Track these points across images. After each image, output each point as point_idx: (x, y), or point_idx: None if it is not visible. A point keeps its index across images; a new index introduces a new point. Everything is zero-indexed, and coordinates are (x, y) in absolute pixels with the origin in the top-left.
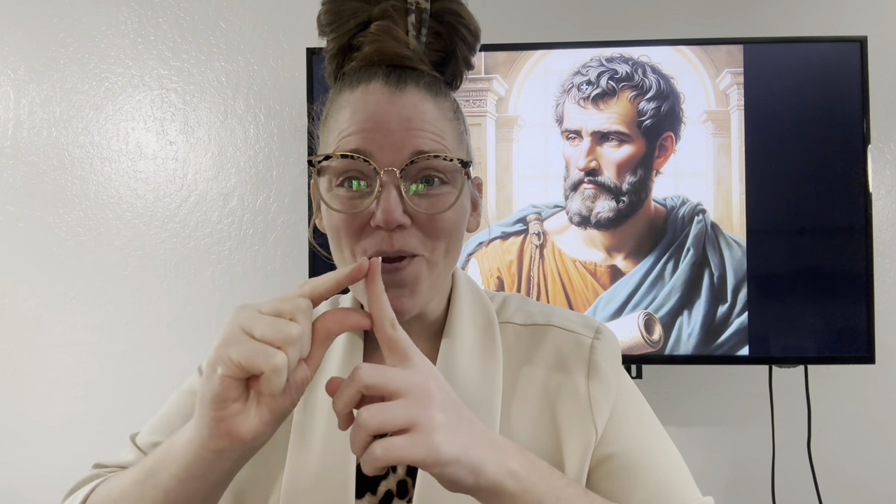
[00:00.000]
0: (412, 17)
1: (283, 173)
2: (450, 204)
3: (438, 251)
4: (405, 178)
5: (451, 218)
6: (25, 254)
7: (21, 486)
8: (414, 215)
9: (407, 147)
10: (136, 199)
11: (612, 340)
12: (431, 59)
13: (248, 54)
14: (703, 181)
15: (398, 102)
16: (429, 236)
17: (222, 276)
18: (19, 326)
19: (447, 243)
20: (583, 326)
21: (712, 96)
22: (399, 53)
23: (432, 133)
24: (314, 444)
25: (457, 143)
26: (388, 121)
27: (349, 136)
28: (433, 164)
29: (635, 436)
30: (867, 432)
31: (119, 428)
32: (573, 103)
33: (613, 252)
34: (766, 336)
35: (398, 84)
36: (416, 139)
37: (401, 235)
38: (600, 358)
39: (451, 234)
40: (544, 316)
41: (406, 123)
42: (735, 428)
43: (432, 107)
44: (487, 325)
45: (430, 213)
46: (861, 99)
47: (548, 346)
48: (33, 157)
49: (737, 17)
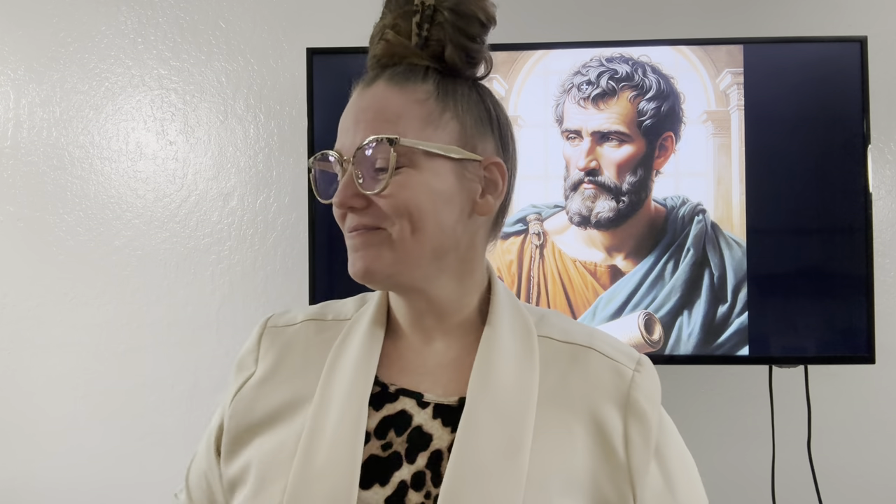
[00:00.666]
0: (417, 17)
1: (283, 173)
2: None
3: (401, 227)
4: (358, 165)
5: (402, 196)
6: (25, 254)
7: (21, 486)
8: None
9: (357, 140)
10: (136, 199)
11: (652, 375)
12: (433, 50)
13: (248, 54)
14: (703, 181)
15: (362, 99)
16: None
17: (222, 276)
18: (19, 326)
19: (410, 220)
20: (625, 356)
21: (712, 96)
22: (389, 53)
23: (384, 121)
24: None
25: (420, 124)
26: (348, 116)
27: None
28: (376, 152)
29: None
30: (867, 432)
31: (119, 428)
32: (573, 103)
33: (613, 252)
34: (766, 336)
35: (371, 82)
36: (363, 131)
37: (358, 215)
38: (639, 394)
39: (412, 212)
40: (585, 337)
41: (360, 116)
42: (735, 428)
43: (394, 93)
44: (526, 335)
45: (374, 193)
46: (861, 99)
47: (586, 369)
48: (33, 157)
49: (737, 17)
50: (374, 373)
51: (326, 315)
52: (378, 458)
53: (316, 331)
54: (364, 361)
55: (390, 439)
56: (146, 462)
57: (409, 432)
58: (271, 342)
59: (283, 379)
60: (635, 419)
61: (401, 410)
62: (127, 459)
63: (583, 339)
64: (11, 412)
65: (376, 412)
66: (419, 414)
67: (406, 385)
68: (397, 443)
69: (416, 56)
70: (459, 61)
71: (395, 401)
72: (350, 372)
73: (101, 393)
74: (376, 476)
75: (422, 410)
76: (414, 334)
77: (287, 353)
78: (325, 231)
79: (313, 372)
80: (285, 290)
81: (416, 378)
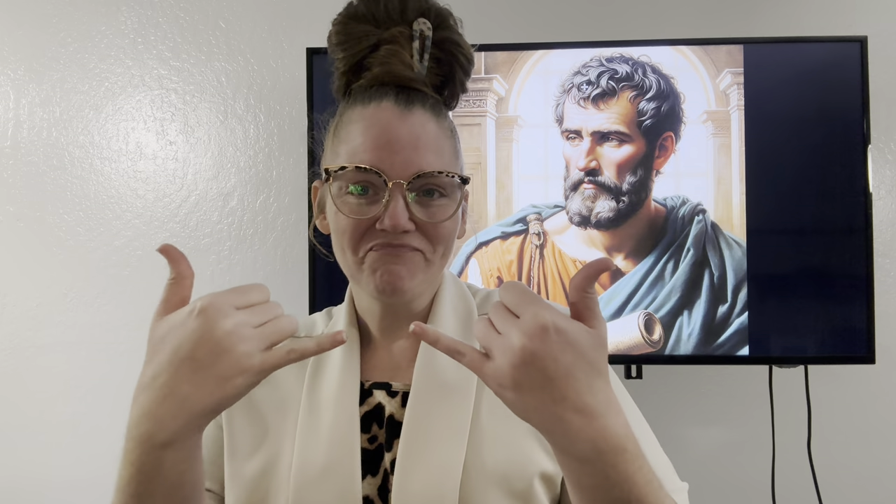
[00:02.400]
0: (416, 43)
1: (283, 173)
2: (449, 214)
3: (437, 253)
4: (410, 189)
5: (449, 226)
6: (25, 254)
7: (21, 486)
8: (417, 223)
9: (413, 164)
10: (136, 199)
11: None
12: (432, 82)
13: (248, 54)
14: (703, 181)
15: (407, 122)
16: (429, 240)
17: (222, 276)
18: (19, 326)
19: (444, 248)
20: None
21: (712, 96)
22: (406, 76)
23: (434, 151)
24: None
25: (454, 160)
26: (398, 139)
27: (363, 151)
28: (435, 180)
29: None
30: (867, 432)
31: (119, 428)
32: (573, 103)
33: (613, 252)
34: (766, 336)
35: (407, 104)
36: (422, 158)
37: (404, 238)
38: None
39: (448, 241)
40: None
41: (414, 142)
42: (735, 428)
43: (435, 126)
44: (467, 317)
45: (433, 222)
46: (861, 99)
47: None
48: (33, 157)
49: (737, 17)
50: (359, 374)
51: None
52: (367, 451)
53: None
54: (347, 365)
55: (374, 432)
56: None
57: (385, 422)
58: None
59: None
60: None
61: (377, 404)
62: None
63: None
64: (11, 412)
65: (360, 406)
66: (390, 403)
67: (377, 379)
68: (380, 435)
69: (424, 87)
70: (458, 96)
71: (371, 395)
72: (337, 375)
73: (101, 393)
74: (368, 468)
75: (391, 399)
76: (381, 335)
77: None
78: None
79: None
80: (285, 290)
81: (387, 373)
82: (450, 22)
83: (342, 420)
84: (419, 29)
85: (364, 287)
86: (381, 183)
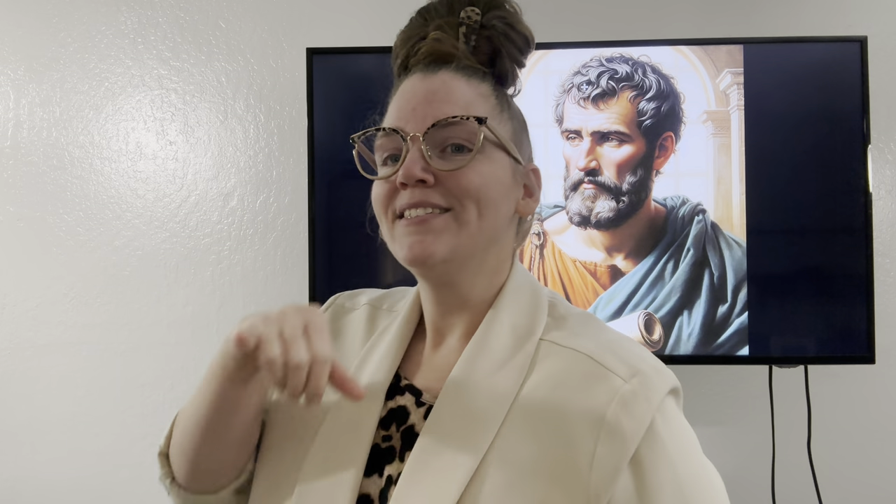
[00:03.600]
0: (463, 28)
1: (283, 173)
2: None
3: (469, 210)
4: (429, 142)
5: (475, 180)
6: (25, 254)
7: (21, 486)
8: (436, 174)
9: (428, 116)
10: (136, 199)
11: (648, 389)
12: (479, 59)
13: (248, 54)
14: (703, 181)
15: (428, 82)
16: (455, 192)
17: (222, 276)
18: (19, 326)
19: (477, 205)
20: (625, 367)
21: (712, 96)
22: (444, 51)
23: (456, 104)
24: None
25: (489, 116)
26: (415, 97)
27: (388, 121)
28: (454, 130)
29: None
30: (867, 432)
31: (119, 428)
32: (573, 103)
33: (613, 252)
34: (766, 336)
35: (433, 69)
36: (437, 109)
37: (425, 191)
38: (620, 410)
39: (480, 197)
40: (592, 344)
41: (430, 97)
42: (735, 428)
43: (463, 84)
44: (525, 336)
45: (449, 170)
46: (861, 99)
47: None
48: (33, 157)
49: (737, 17)
50: (396, 367)
51: (382, 304)
52: (378, 449)
53: (367, 317)
54: (389, 356)
55: (391, 432)
56: (146, 462)
57: (403, 429)
58: (332, 320)
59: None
60: (608, 437)
61: (402, 406)
62: (127, 459)
63: (585, 347)
64: (12, 412)
65: (387, 402)
66: (414, 412)
67: (415, 381)
68: (395, 438)
69: (467, 59)
70: (510, 72)
71: (403, 395)
72: (376, 364)
73: (101, 393)
74: (376, 466)
75: (417, 410)
76: (431, 332)
77: (339, 334)
78: (324, 231)
79: (353, 354)
80: (285, 290)
81: (425, 375)
82: (503, 5)
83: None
84: (465, 16)
85: (399, 258)
86: (400, 140)
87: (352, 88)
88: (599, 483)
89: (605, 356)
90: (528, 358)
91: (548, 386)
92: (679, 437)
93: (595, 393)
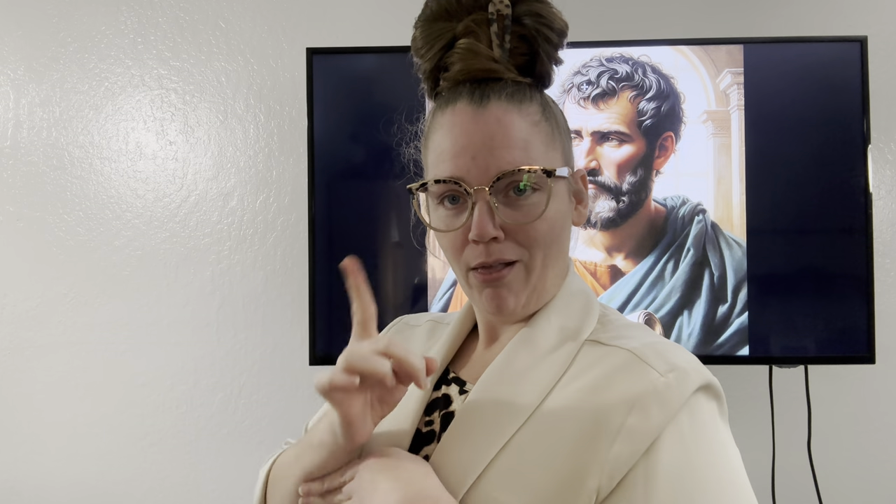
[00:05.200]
0: (494, 26)
1: (283, 173)
2: (538, 214)
3: (536, 258)
4: (494, 193)
5: (542, 226)
6: (25, 254)
7: (21, 487)
8: (506, 227)
9: (492, 168)
10: (136, 199)
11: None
12: (517, 63)
13: (248, 54)
14: (703, 181)
15: (481, 121)
16: (523, 245)
17: (222, 276)
18: (19, 326)
19: (544, 249)
20: (663, 363)
21: (712, 96)
22: (483, 68)
23: (516, 147)
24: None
25: (545, 148)
26: (473, 143)
27: (443, 161)
28: (518, 177)
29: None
30: (867, 432)
31: (119, 428)
32: (573, 103)
33: (613, 252)
34: (766, 336)
35: (482, 101)
36: (500, 159)
37: (497, 247)
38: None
39: (546, 240)
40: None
41: (489, 143)
42: (735, 428)
43: (516, 117)
44: (571, 336)
45: (520, 224)
46: (861, 99)
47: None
48: (33, 157)
49: (737, 17)
50: (447, 362)
51: (444, 319)
52: (420, 433)
53: (430, 330)
54: (441, 352)
55: (433, 417)
56: (146, 462)
57: (444, 413)
58: (396, 333)
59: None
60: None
61: (445, 394)
62: (127, 459)
63: (628, 344)
64: (11, 412)
65: (434, 392)
66: (457, 400)
67: (461, 374)
68: (436, 422)
69: (509, 70)
70: (549, 73)
71: (449, 386)
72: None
73: (101, 393)
74: (416, 449)
75: (460, 398)
76: (484, 333)
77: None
78: (325, 231)
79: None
80: (285, 290)
81: (472, 369)
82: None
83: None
84: (495, 10)
85: (475, 303)
86: (464, 192)
87: (352, 88)
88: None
89: (646, 352)
90: (570, 355)
91: (587, 377)
92: (702, 431)
93: (631, 383)
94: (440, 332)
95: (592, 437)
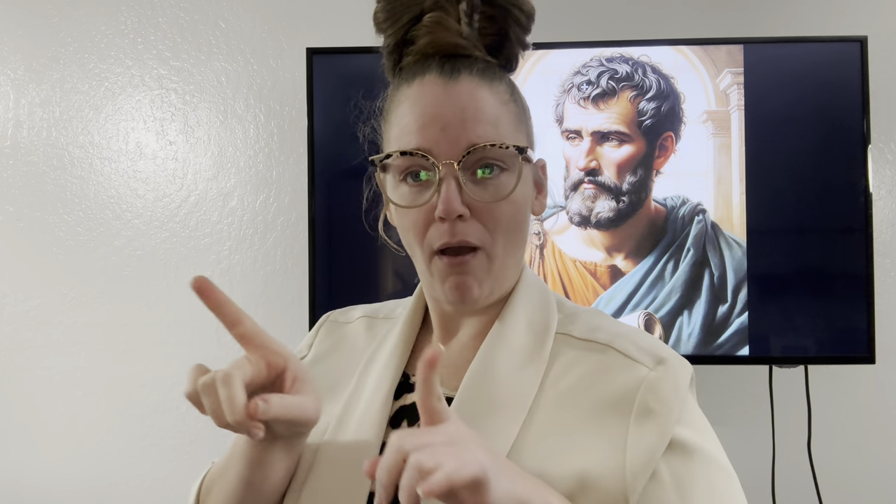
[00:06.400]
0: (463, 4)
1: (283, 173)
2: (507, 193)
3: (497, 244)
4: (463, 168)
5: (508, 209)
6: (25, 254)
7: (21, 487)
8: (472, 205)
9: (462, 140)
10: (136, 199)
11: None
12: (485, 43)
13: (248, 54)
14: (703, 181)
15: (452, 93)
16: (488, 227)
17: (222, 276)
18: (19, 326)
19: (505, 235)
20: (646, 355)
21: (712, 96)
22: (452, 42)
23: (487, 122)
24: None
25: (513, 128)
26: (443, 114)
27: (408, 133)
28: (489, 153)
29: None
30: (867, 432)
31: (119, 428)
32: (573, 103)
33: (613, 252)
34: (766, 336)
35: (452, 73)
36: (471, 132)
37: (462, 227)
38: (649, 395)
39: (510, 225)
40: (607, 335)
41: (460, 115)
42: (735, 428)
43: (487, 93)
44: (542, 331)
45: (488, 202)
46: (861, 99)
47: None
48: (33, 157)
49: (737, 17)
50: (403, 366)
51: (379, 313)
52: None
53: (366, 327)
54: (395, 355)
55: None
56: (146, 462)
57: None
58: (327, 334)
59: (328, 367)
60: (640, 421)
61: (413, 403)
62: (127, 459)
63: (604, 338)
64: (11, 412)
65: (395, 401)
66: None
67: None
68: None
69: (477, 49)
70: (517, 56)
71: (412, 392)
72: (382, 364)
73: (101, 393)
74: None
75: None
76: (439, 329)
77: (338, 345)
78: (325, 231)
79: (355, 363)
80: (285, 290)
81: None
82: None
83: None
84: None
85: (434, 292)
86: (431, 165)
87: (352, 88)
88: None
89: (626, 346)
90: (547, 351)
91: (572, 376)
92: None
93: (622, 380)
94: (379, 328)
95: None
